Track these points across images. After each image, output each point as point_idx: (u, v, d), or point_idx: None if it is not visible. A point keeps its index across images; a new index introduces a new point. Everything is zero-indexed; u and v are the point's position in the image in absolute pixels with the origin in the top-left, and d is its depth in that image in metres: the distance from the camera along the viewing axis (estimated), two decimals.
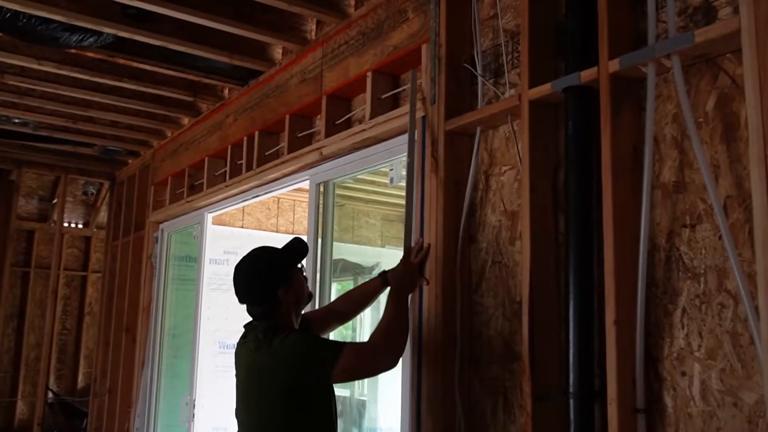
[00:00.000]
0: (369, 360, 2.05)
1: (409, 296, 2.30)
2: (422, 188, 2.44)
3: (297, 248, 2.26)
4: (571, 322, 1.83)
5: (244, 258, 2.19)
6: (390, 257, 6.75)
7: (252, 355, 2.07)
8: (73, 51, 3.66)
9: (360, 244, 6.19)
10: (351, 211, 6.11)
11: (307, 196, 6.71)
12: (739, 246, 1.57)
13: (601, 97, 1.81)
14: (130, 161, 6.10)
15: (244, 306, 2.19)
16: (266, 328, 2.07)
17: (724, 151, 1.65)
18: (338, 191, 3.38)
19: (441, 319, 2.29)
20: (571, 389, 1.80)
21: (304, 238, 6.10)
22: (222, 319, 5.96)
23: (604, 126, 1.79)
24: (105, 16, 3.28)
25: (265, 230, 6.78)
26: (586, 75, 1.86)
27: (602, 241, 1.79)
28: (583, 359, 1.80)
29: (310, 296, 2.28)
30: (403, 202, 2.36)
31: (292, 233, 7.08)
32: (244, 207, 5.65)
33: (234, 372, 2.21)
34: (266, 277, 2.12)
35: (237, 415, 2.15)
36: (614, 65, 1.78)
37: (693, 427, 1.62)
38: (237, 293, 2.16)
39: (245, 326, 2.21)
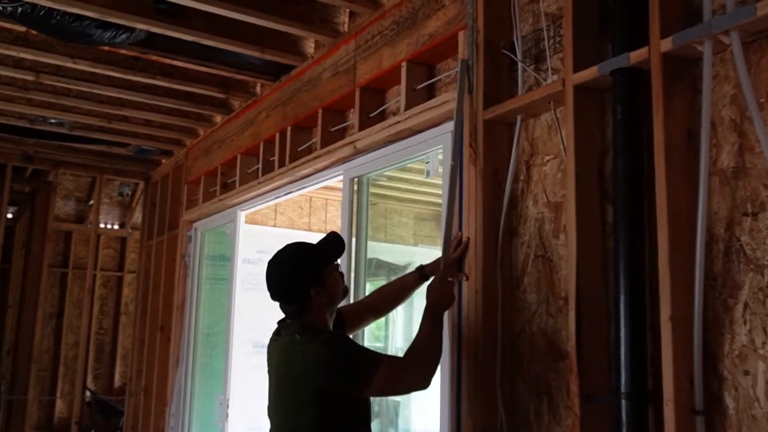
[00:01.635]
0: (403, 380, 1.98)
1: (446, 313, 2.17)
2: (460, 180, 2.34)
3: (332, 245, 2.18)
4: (622, 319, 1.72)
5: (277, 255, 2.12)
6: (423, 256, 6.66)
7: (286, 355, 2.00)
8: (106, 48, 3.64)
9: (393, 242, 6.13)
10: (383, 209, 6.04)
11: (340, 194, 6.72)
12: None
13: (653, 79, 1.70)
14: (163, 161, 6.11)
15: (277, 304, 2.12)
16: (303, 328, 2.00)
17: None
18: (371, 189, 3.30)
19: (481, 316, 2.19)
20: (622, 389, 1.69)
21: None
22: (256, 319, 5.97)
23: (657, 109, 1.69)
24: (137, 11, 3.25)
25: (297, 229, 6.74)
26: (636, 56, 1.75)
27: (653, 232, 1.69)
28: (635, 357, 1.69)
29: (346, 292, 2.20)
30: (437, 198, 2.26)
31: (324, 232, 7.01)
32: (276, 206, 5.62)
33: (267, 369, 2.15)
34: (298, 277, 2.05)
35: (269, 414, 2.08)
36: (666, 44, 1.67)
37: (758, 429, 1.51)
38: (269, 290, 2.09)
39: (279, 323, 2.15)
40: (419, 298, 2.27)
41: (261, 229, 6.17)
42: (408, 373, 1.98)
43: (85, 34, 3.39)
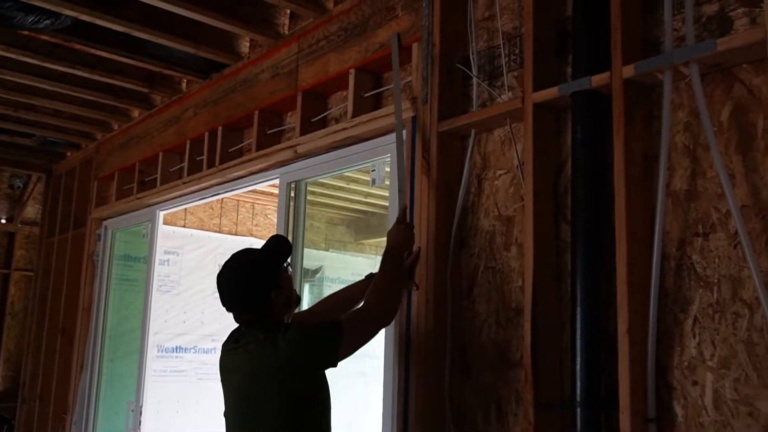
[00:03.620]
0: (369, 327, 2.05)
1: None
2: (411, 190, 2.37)
3: (280, 247, 2.16)
4: (578, 330, 1.80)
5: (227, 264, 2.08)
6: (333, 260, 6.68)
7: (254, 358, 1.95)
8: (25, 33, 3.42)
9: (304, 247, 6.11)
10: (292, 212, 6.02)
11: (252, 196, 6.59)
12: (756, 255, 1.57)
13: (614, 103, 1.79)
14: (69, 153, 5.80)
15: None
16: (265, 329, 1.97)
17: (740, 161, 1.65)
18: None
19: (432, 325, 2.22)
20: (578, 398, 1.77)
21: (254, 240, 5.91)
22: (161, 322, 5.77)
23: (617, 132, 1.77)
24: None
25: (207, 230, 6.59)
26: (598, 80, 1.84)
27: (609, 249, 1.78)
28: (591, 368, 1.77)
29: (299, 299, 2.19)
30: (350, 204, 2.31)
31: (236, 234, 6.91)
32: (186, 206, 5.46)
33: (222, 380, 2.10)
34: (253, 282, 2.02)
35: (231, 425, 2.03)
36: (628, 71, 1.77)
37: None
38: (224, 302, 2.06)
39: (234, 333, 2.10)
40: None
41: (170, 230, 5.97)
42: (372, 317, 2.05)
43: (5, 17, 3.18)
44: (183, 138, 3.95)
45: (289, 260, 2.18)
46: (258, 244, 7.10)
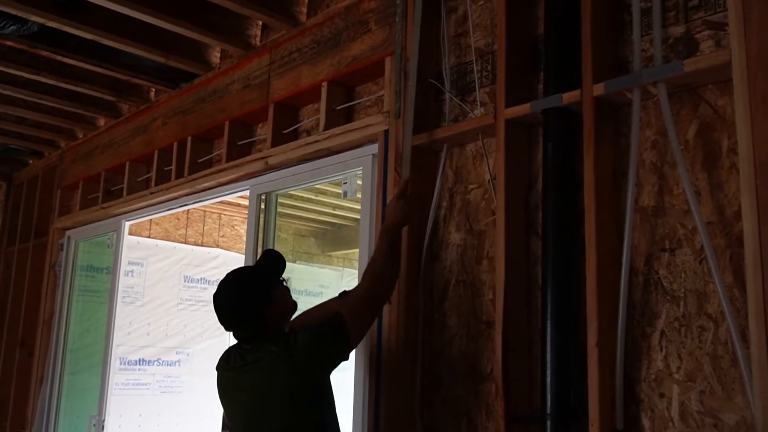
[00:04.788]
0: (370, 311, 2.09)
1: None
2: (383, 205, 2.38)
3: (274, 263, 2.17)
4: (549, 343, 1.82)
5: (222, 284, 2.09)
6: (301, 272, 6.66)
7: (271, 371, 1.97)
8: None
9: None
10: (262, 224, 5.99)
11: (222, 207, 6.52)
12: (721, 270, 1.62)
13: (585, 120, 1.83)
14: (31, 161, 5.68)
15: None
16: (274, 341, 1.99)
17: (705, 178, 1.70)
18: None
19: (403, 338, 2.23)
20: (548, 410, 1.79)
21: (221, 251, 5.82)
22: (125, 334, 5.68)
23: (587, 149, 1.81)
24: (33, 2, 3.04)
25: (173, 241, 6.53)
26: (569, 97, 1.88)
27: (579, 262, 1.81)
28: (561, 380, 1.80)
29: (296, 306, 2.19)
30: (319, 216, 2.30)
31: (202, 245, 6.85)
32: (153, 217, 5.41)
33: (226, 399, 2.11)
34: (250, 299, 2.04)
35: None
36: (599, 89, 1.81)
37: None
38: (222, 321, 2.07)
39: (235, 350, 2.09)
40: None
41: (135, 240, 5.90)
42: (368, 307, 2.08)
43: None
44: (151, 148, 3.91)
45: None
46: (224, 255, 7.02)
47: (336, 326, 2.00)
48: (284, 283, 2.13)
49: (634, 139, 1.77)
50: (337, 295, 2.32)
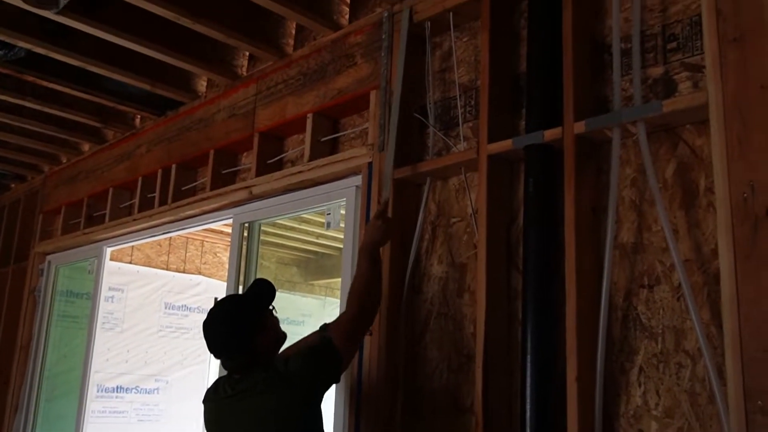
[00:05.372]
0: (357, 332, 2.08)
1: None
2: None
3: (263, 291, 2.16)
4: (529, 377, 1.83)
5: (212, 313, 2.08)
6: (283, 301, 6.62)
7: (264, 399, 1.94)
8: None
9: None
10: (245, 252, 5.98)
11: (204, 234, 6.49)
12: (698, 308, 1.64)
13: (566, 158, 1.86)
14: (13, 185, 5.65)
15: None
16: (265, 369, 1.98)
17: (683, 216, 1.73)
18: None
19: (384, 371, 2.23)
20: None
21: (202, 279, 5.77)
22: (103, 361, 5.61)
23: (568, 186, 1.84)
24: (20, 29, 3.05)
25: (154, 267, 6.49)
26: (550, 134, 1.91)
27: (559, 297, 1.83)
28: (540, 414, 1.80)
29: (285, 336, 2.17)
30: (302, 244, 2.30)
31: (184, 272, 6.81)
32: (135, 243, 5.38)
33: (213, 429, 2.08)
34: (240, 328, 2.03)
35: None
36: (579, 127, 1.84)
37: None
38: (212, 349, 2.05)
39: (224, 380, 2.07)
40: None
41: (116, 266, 5.85)
42: (358, 318, 2.07)
43: None
44: (135, 174, 3.90)
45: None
46: (206, 282, 6.98)
47: (327, 348, 2.00)
48: (274, 312, 2.13)
49: (614, 176, 1.80)
50: (318, 328, 2.31)
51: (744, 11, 1.59)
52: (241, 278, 3.04)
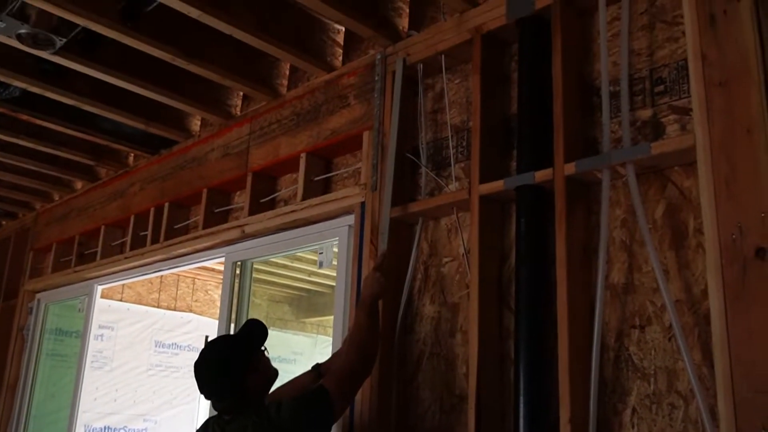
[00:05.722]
0: (352, 383, 2.02)
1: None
2: (359, 275, 2.40)
3: (255, 331, 2.15)
4: (521, 418, 1.82)
5: (204, 353, 2.07)
6: (274, 339, 6.57)
7: None
8: None
9: None
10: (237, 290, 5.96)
11: (196, 272, 6.46)
12: (689, 348, 1.64)
13: (557, 198, 1.88)
14: (4, 222, 5.63)
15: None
16: (255, 411, 1.95)
17: (673, 257, 1.74)
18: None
19: (376, 412, 2.21)
20: None
21: (193, 316, 5.74)
22: (91, 400, 5.53)
23: (559, 226, 1.86)
24: (17, 68, 3.07)
25: (145, 305, 6.44)
26: (541, 175, 1.93)
27: (551, 337, 1.83)
28: None
29: (276, 373, 2.16)
30: (294, 282, 2.29)
31: (175, 309, 6.77)
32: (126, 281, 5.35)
33: None
34: (231, 369, 2.01)
35: None
36: (570, 168, 1.87)
37: None
38: (202, 389, 2.03)
39: (214, 421, 2.05)
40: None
41: (106, 303, 5.81)
42: (351, 379, 2.02)
43: None
44: (127, 212, 3.91)
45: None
46: (197, 320, 6.94)
47: (321, 399, 1.95)
48: (266, 352, 2.12)
49: (604, 217, 1.82)
50: (310, 368, 2.30)
51: (729, 56, 1.63)
52: (233, 316, 3.02)
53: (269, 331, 2.16)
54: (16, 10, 2.56)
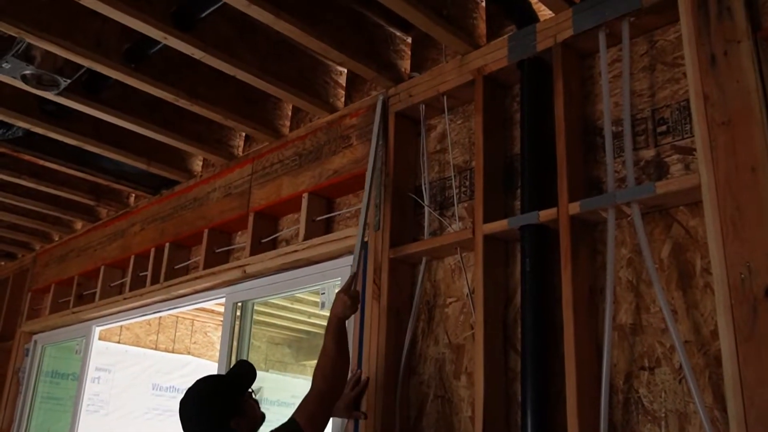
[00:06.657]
0: (323, 409, 2.03)
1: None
2: (362, 316, 2.37)
3: (244, 373, 2.12)
4: None
5: (190, 392, 2.03)
6: (274, 382, 6.49)
7: None
8: None
9: None
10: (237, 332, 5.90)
11: (195, 313, 6.41)
12: (701, 390, 1.61)
13: (561, 238, 1.87)
14: (2, 263, 5.60)
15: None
16: None
17: (681, 297, 1.72)
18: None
19: None
20: None
21: (192, 359, 5.68)
22: None
23: (565, 266, 1.84)
24: (20, 109, 3.09)
25: (143, 347, 6.38)
26: (545, 215, 1.92)
27: (558, 379, 1.80)
28: None
29: (263, 417, 2.11)
30: (293, 323, 2.26)
31: (173, 351, 6.69)
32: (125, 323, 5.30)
33: None
34: (217, 410, 1.97)
35: None
36: (574, 208, 1.86)
37: None
38: (185, 428, 1.99)
39: None
40: None
41: (104, 345, 5.74)
42: (320, 405, 2.02)
43: None
44: (127, 252, 3.88)
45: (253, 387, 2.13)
46: (195, 362, 6.85)
47: (291, 428, 1.94)
48: (253, 395, 2.08)
49: (610, 257, 1.80)
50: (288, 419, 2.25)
51: (730, 96, 1.64)
52: (233, 358, 2.98)
53: (269, 375, 2.13)
54: (22, 51, 2.58)
